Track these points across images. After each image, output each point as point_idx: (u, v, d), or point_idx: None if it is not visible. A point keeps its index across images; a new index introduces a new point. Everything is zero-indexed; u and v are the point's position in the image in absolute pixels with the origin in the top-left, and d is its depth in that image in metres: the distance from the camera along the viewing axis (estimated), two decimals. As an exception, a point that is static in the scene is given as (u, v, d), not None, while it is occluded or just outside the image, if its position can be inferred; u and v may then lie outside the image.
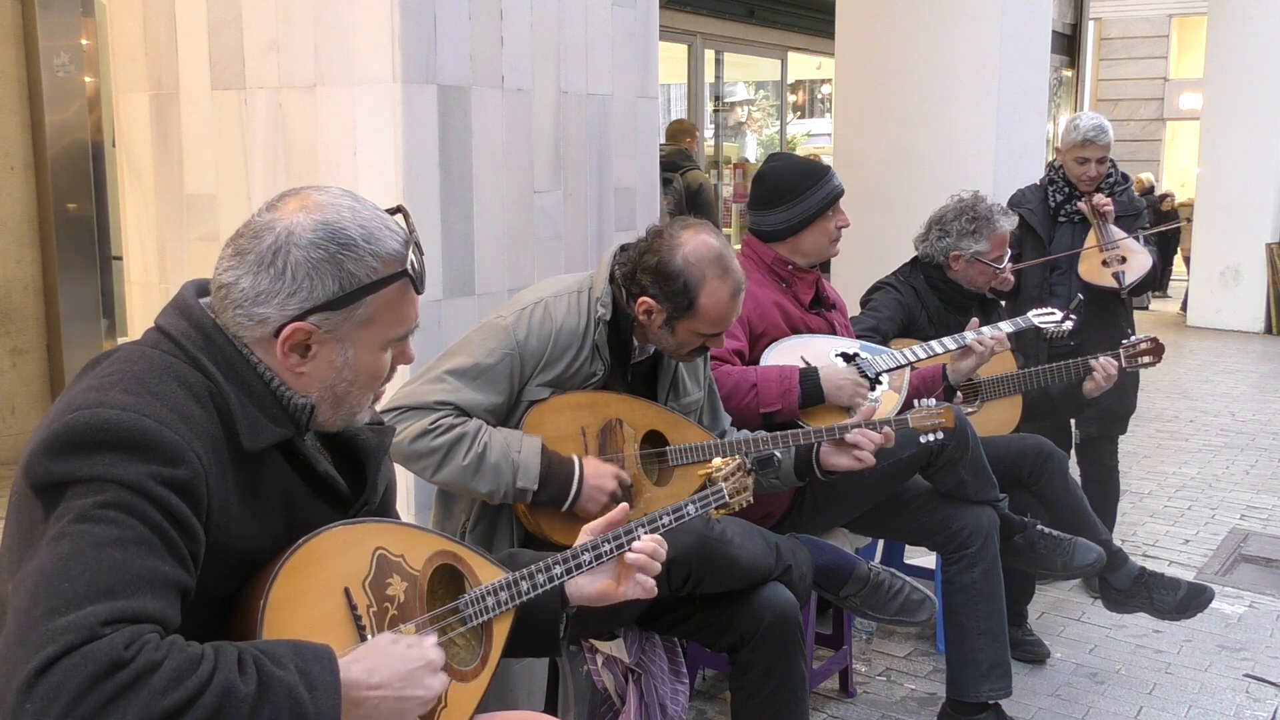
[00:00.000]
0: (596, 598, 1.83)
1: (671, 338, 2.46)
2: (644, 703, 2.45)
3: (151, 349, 1.44)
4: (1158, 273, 4.10)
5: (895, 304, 3.55)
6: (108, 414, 1.30)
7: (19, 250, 5.60)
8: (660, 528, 1.91)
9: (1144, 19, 16.80)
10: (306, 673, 1.28)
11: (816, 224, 3.08)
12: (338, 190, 1.51)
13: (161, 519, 1.28)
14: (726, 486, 2.11)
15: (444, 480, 2.30)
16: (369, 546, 1.51)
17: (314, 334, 1.45)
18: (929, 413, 2.76)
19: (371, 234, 1.46)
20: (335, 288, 1.44)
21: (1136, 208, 4.24)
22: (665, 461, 2.53)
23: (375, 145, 2.61)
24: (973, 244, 3.57)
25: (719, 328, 2.46)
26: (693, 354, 2.53)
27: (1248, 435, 6.92)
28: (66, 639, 1.16)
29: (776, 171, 3.14)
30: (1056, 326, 3.58)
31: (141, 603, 1.22)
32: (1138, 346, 3.58)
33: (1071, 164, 4.13)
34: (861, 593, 2.82)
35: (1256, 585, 4.40)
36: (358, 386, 1.52)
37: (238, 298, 1.44)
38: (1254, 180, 10.77)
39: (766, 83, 12.31)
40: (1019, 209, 4.26)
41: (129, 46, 3.05)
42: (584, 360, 2.42)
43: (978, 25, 4.93)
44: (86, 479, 1.27)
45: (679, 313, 2.41)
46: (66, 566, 1.21)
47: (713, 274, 2.39)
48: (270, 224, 1.45)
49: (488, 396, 2.34)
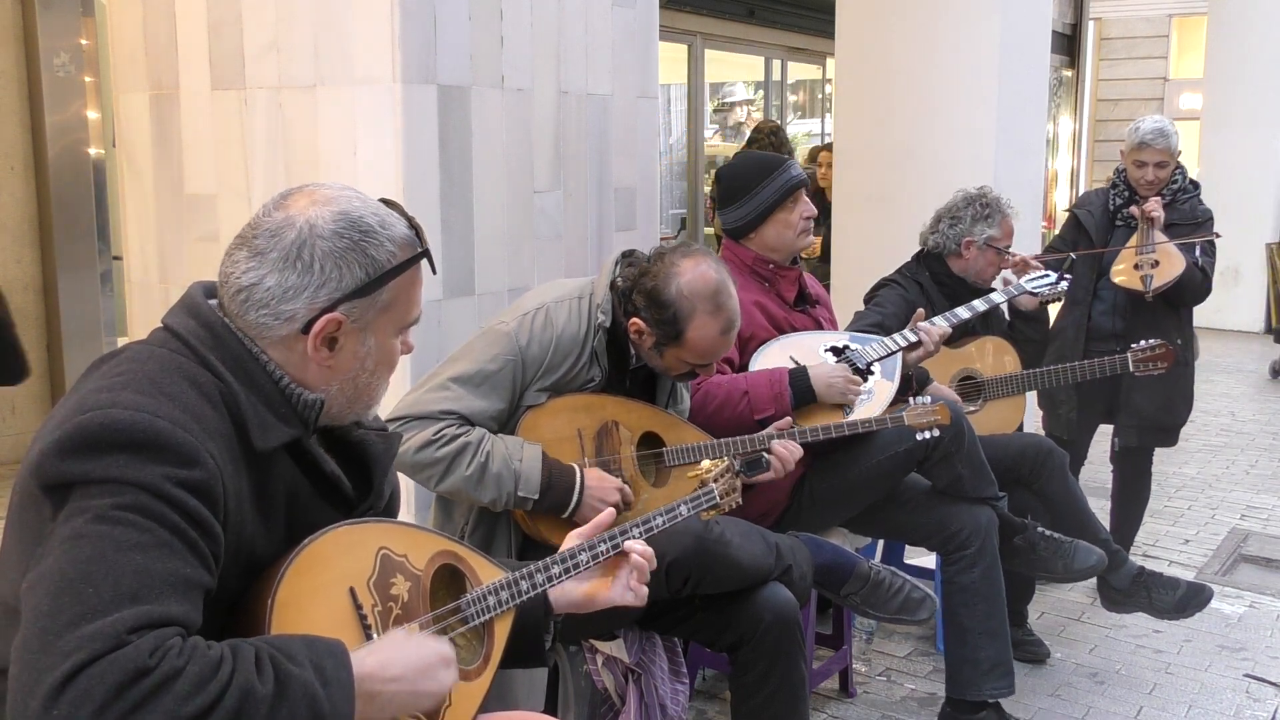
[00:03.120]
0: (582, 603, 1.81)
1: (660, 360, 2.49)
2: (644, 703, 2.45)
3: (160, 348, 1.44)
4: (1198, 282, 3.97)
5: (900, 299, 3.55)
6: (121, 415, 1.29)
7: (19, 250, 5.60)
8: (655, 529, 1.92)
9: (1144, 19, 16.79)
10: (321, 669, 1.28)
11: (775, 215, 3.04)
12: (339, 185, 1.54)
13: (180, 520, 1.28)
14: (717, 488, 2.13)
15: (448, 490, 2.31)
16: (373, 546, 1.52)
17: (343, 324, 1.47)
18: (924, 410, 2.79)
19: (384, 220, 1.50)
20: (362, 275, 1.46)
21: (1198, 217, 4.08)
22: (662, 462, 2.53)
23: (375, 145, 2.61)
24: (986, 229, 3.60)
25: (707, 359, 2.48)
26: (682, 376, 2.55)
27: (1248, 435, 6.92)
28: (94, 647, 1.16)
29: (732, 168, 3.16)
30: (1051, 288, 3.57)
31: (166, 606, 1.23)
32: (1148, 351, 3.56)
33: (1131, 167, 4.06)
34: (862, 591, 2.82)
35: (1256, 585, 4.40)
36: (377, 376, 1.55)
37: (263, 297, 1.44)
38: (1254, 180, 10.75)
39: (766, 83, 12.29)
40: (1078, 210, 4.25)
41: (129, 46, 3.05)
42: (582, 366, 2.43)
43: (978, 25, 4.92)
44: (101, 480, 1.26)
45: (667, 341, 2.43)
46: (89, 570, 1.21)
47: (704, 309, 2.40)
48: (288, 221, 1.46)
49: (491, 403, 2.35)
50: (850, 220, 5.35)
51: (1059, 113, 13.82)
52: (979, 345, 3.64)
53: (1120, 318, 4.08)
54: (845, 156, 5.41)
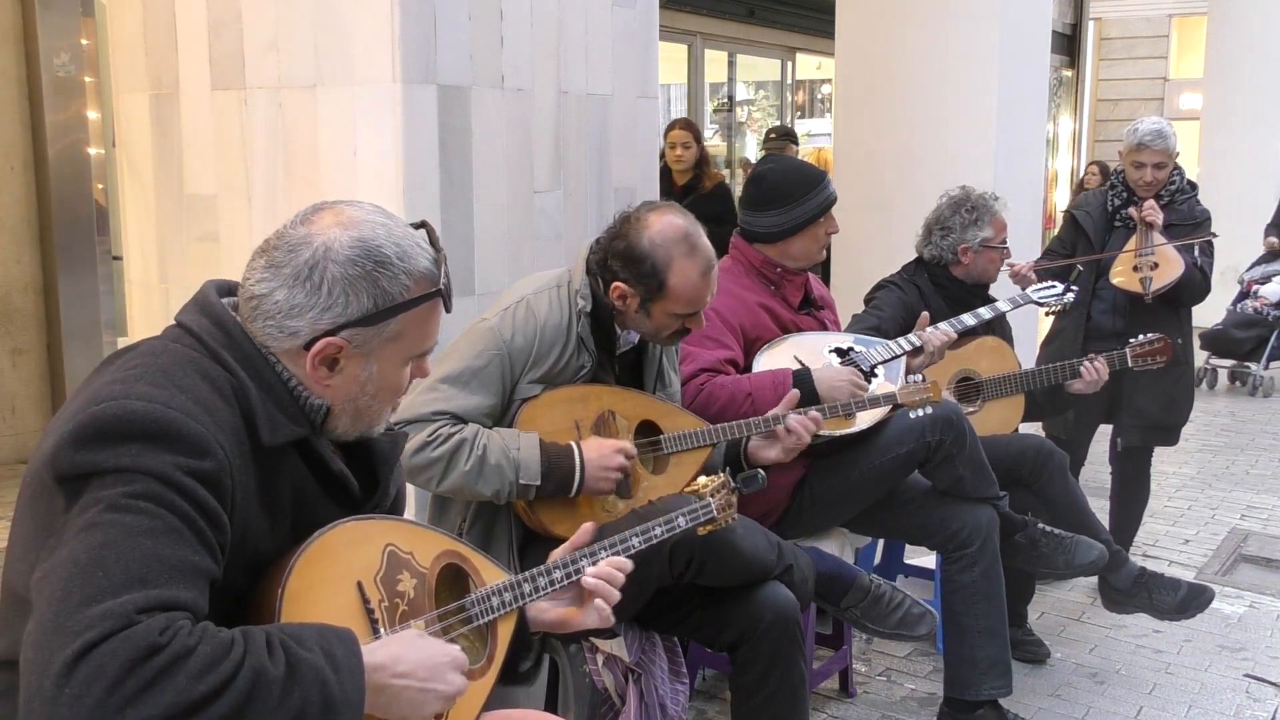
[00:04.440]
0: (556, 625, 1.79)
1: (648, 321, 2.47)
2: (644, 703, 2.45)
3: (174, 343, 1.45)
4: (1197, 283, 3.98)
5: (898, 302, 3.55)
6: (134, 405, 1.31)
7: (19, 250, 5.60)
8: (654, 539, 1.93)
9: (1144, 19, 16.79)
10: (332, 655, 1.29)
11: (808, 230, 3.05)
12: (370, 206, 1.53)
13: (190, 509, 1.30)
14: (714, 502, 2.13)
15: (449, 489, 2.31)
16: (380, 542, 1.53)
17: (344, 349, 1.47)
18: (916, 388, 2.80)
19: (405, 252, 1.49)
20: (369, 305, 1.46)
21: (1196, 217, 4.09)
22: (660, 450, 2.53)
23: (375, 145, 2.61)
24: (978, 232, 3.59)
25: (693, 307, 2.46)
26: (673, 336, 2.53)
27: (1248, 435, 6.92)
28: (105, 625, 1.18)
29: (774, 174, 3.12)
30: (1058, 299, 3.57)
31: (174, 591, 1.24)
32: (1146, 346, 3.56)
33: (1129, 168, 4.06)
34: (862, 604, 2.81)
35: (1256, 585, 4.40)
36: (379, 400, 1.55)
37: (270, 309, 1.46)
38: (1254, 180, 10.75)
39: (767, 83, 12.30)
40: (1076, 211, 4.25)
41: (129, 46, 3.05)
42: (570, 354, 2.43)
43: (978, 25, 4.92)
44: (114, 469, 1.28)
45: (651, 295, 2.42)
46: (100, 555, 1.23)
47: (680, 253, 2.40)
48: (307, 238, 1.46)
49: (481, 399, 2.35)
50: (850, 221, 5.33)
51: (1059, 113, 13.83)
52: (977, 346, 3.64)
53: (1120, 317, 4.07)
54: (845, 157, 5.40)
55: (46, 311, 5.72)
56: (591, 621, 1.78)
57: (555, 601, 1.78)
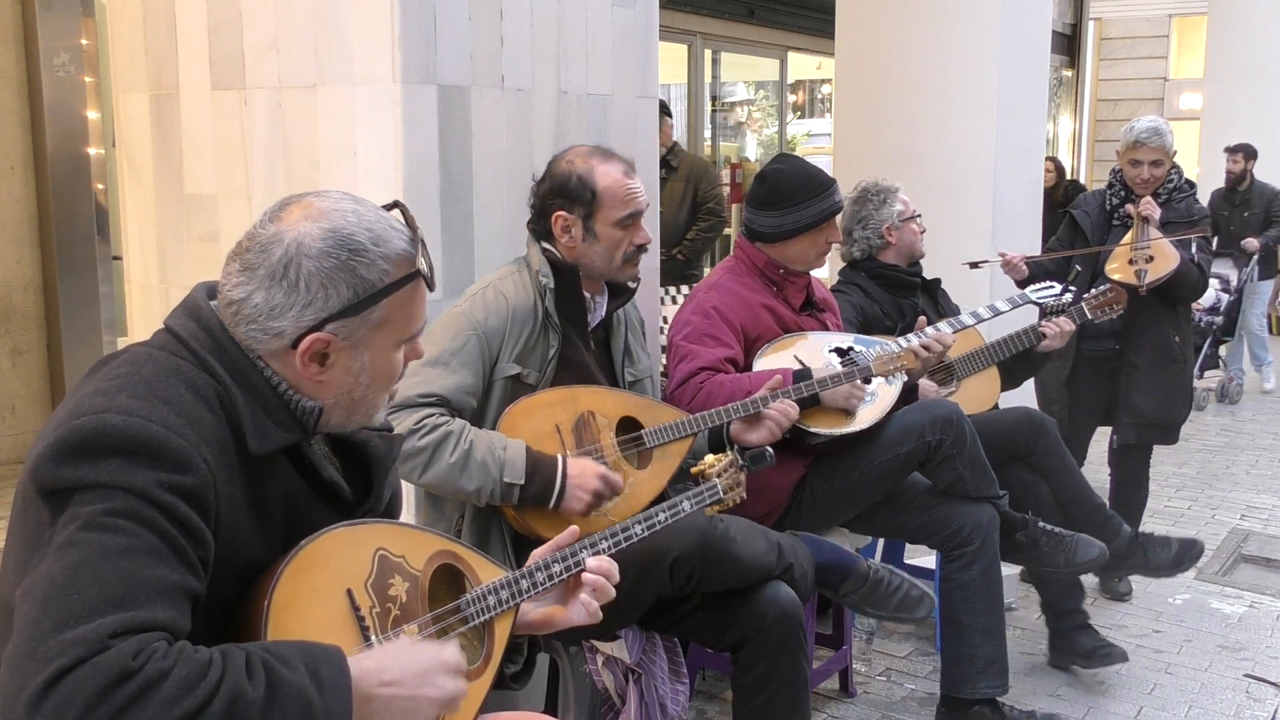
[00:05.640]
0: (540, 624, 1.75)
1: (598, 245, 2.54)
2: (644, 703, 2.45)
3: (159, 350, 1.43)
4: (1194, 278, 3.99)
5: (849, 306, 3.55)
6: (114, 419, 1.29)
7: (19, 250, 5.60)
8: (657, 525, 1.91)
9: (1144, 19, 16.79)
10: (317, 674, 1.27)
11: (808, 235, 3.05)
12: (338, 194, 1.50)
13: (170, 526, 1.28)
14: (720, 482, 2.11)
15: (432, 480, 2.30)
16: (370, 547, 1.51)
17: (331, 343, 1.45)
18: (889, 356, 2.87)
19: (379, 236, 1.46)
20: (350, 295, 1.44)
21: (1194, 215, 4.09)
22: (642, 444, 2.54)
23: (375, 145, 2.61)
24: (891, 210, 3.65)
25: (629, 207, 2.55)
26: (629, 262, 2.59)
27: (1248, 435, 6.92)
28: (76, 652, 1.16)
29: (781, 174, 3.11)
30: (1056, 299, 3.58)
31: (151, 612, 1.22)
32: (1101, 297, 3.58)
33: (1126, 166, 4.08)
34: (861, 590, 2.82)
35: (1256, 585, 4.40)
36: (374, 390, 1.53)
37: (251, 313, 1.44)
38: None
39: (766, 83, 12.30)
40: (1074, 210, 4.27)
41: (129, 46, 3.05)
42: (540, 329, 2.50)
43: (978, 25, 4.92)
44: (93, 485, 1.26)
45: (588, 209, 2.52)
46: (75, 577, 1.21)
47: (597, 160, 2.55)
48: (277, 236, 1.44)
49: (463, 377, 2.40)
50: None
51: (1059, 113, 13.84)
52: None
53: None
54: (845, 157, 5.40)
55: (46, 311, 5.72)
56: (578, 618, 1.73)
57: (537, 601, 1.74)
